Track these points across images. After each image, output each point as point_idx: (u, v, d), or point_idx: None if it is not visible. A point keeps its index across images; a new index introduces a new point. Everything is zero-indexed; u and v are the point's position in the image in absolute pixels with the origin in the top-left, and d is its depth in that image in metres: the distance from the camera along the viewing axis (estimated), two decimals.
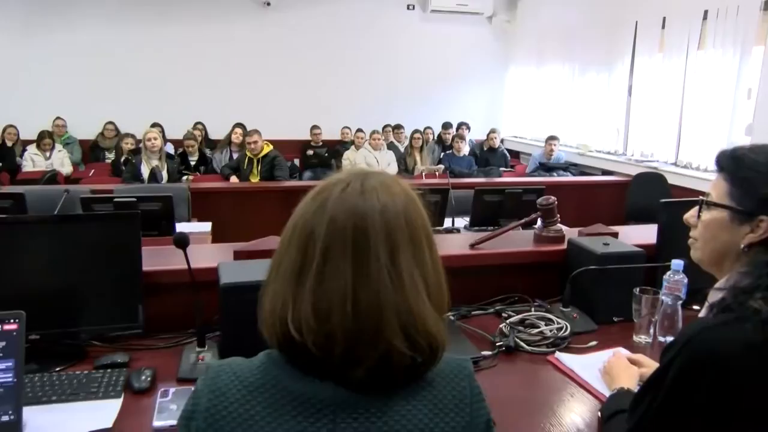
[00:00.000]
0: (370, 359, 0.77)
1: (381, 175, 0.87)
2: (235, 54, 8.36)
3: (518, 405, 1.46)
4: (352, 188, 0.83)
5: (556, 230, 2.23)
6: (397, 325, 0.77)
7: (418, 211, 0.86)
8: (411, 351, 0.78)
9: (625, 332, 1.87)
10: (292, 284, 0.80)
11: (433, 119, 8.54)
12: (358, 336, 0.77)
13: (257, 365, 0.83)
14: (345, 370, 0.78)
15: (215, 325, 1.69)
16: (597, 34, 6.98)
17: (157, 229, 3.18)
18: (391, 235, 0.80)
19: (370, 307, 0.77)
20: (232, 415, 0.79)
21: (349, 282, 0.78)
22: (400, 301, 0.78)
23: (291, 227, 0.85)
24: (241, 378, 0.82)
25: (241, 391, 0.80)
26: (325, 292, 0.78)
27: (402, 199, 0.84)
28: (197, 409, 0.81)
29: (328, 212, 0.81)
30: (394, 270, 0.79)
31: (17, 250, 1.61)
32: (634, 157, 6.34)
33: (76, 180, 6.14)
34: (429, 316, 0.80)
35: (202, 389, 0.82)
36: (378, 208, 0.81)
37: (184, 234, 1.63)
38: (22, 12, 7.69)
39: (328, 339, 0.77)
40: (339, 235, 0.79)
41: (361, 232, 0.79)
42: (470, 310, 1.99)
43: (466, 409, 0.83)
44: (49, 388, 1.46)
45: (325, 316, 0.77)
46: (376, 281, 0.78)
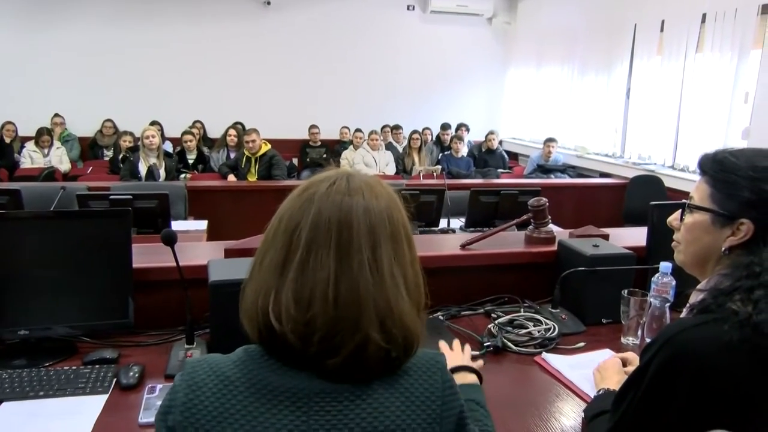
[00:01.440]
0: (346, 348, 0.80)
1: (365, 175, 0.91)
2: (235, 53, 8.37)
3: (504, 405, 1.46)
4: (338, 186, 0.86)
5: (547, 231, 2.23)
6: (375, 317, 0.80)
7: (399, 212, 0.89)
8: (386, 343, 0.81)
9: (613, 334, 1.88)
10: (275, 276, 0.83)
11: (432, 120, 8.55)
12: (337, 325, 0.79)
13: (234, 360, 0.85)
14: (322, 359, 0.80)
15: (205, 322, 1.70)
16: (596, 36, 6.98)
17: (153, 226, 3.19)
18: (374, 231, 0.83)
19: (351, 298, 0.80)
20: (207, 409, 0.80)
21: (331, 273, 0.80)
22: (379, 294, 0.81)
23: (276, 221, 0.87)
24: (218, 372, 0.83)
25: (217, 385, 0.82)
26: (307, 282, 0.80)
27: (385, 199, 0.88)
28: (174, 404, 0.82)
29: (314, 206, 0.84)
30: (375, 264, 0.82)
31: (11, 246, 1.62)
32: (631, 159, 6.34)
33: (74, 177, 6.14)
34: (406, 310, 0.83)
35: (180, 384, 0.84)
36: (362, 205, 0.84)
37: (171, 231, 1.63)
38: (21, 9, 7.69)
39: (307, 327, 0.79)
40: (324, 228, 0.82)
41: (346, 226, 0.82)
42: (460, 310, 2.00)
43: (437, 401, 0.85)
44: (37, 383, 1.47)
45: (306, 304, 0.80)
46: (357, 273, 0.81)
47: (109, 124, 7.79)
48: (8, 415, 1.35)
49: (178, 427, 0.80)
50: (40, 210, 1.85)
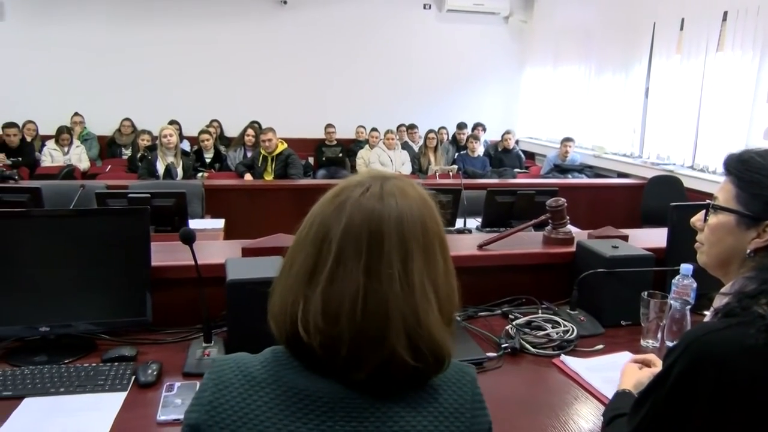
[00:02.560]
0: (371, 363, 0.78)
1: (399, 179, 0.88)
2: (252, 52, 8.41)
3: (521, 407, 1.46)
4: (371, 192, 0.83)
5: (565, 232, 2.21)
6: (403, 332, 0.78)
7: (433, 218, 0.86)
8: (413, 359, 0.78)
9: (632, 336, 1.86)
10: (303, 283, 0.81)
11: (448, 119, 8.53)
12: (363, 339, 0.78)
13: (261, 361, 0.85)
14: (347, 372, 0.80)
15: (221, 320, 1.71)
16: (614, 35, 6.92)
17: (170, 225, 3.21)
18: (406, 242, 0.81)
19: (379, 312, 0.78)
20: (233, 408, 0.80)
21: (360, 286, 0.78)
22: (408, 309, 0.79)
23: (307, 226, 0.85)
24: (245, 372, 0.83)
25: (244, 385, 0.82)
26: (335, 295, 0.79)
27: (418, 204, 0.85)
28: (201, 402, 0.82)
29: (346, 215, 0.81)
30: (406, 277, 0.80)
31: (31, 243, 1.64)
32: (650, 159, 6.27)
33: (93, 175, 6.21)
34: (435, 325, 0.81)
35: (207, 382, 0.84)
36: (395, 214, 0.81)
37: (190, 229, 1.64)
38: (40, 9, 7.79)
39: (335, 341, 0.78)
40: (354, 239, 0.80)
41: (376, 237, 0.80)
42: (477, 311, 1.99)
43: (466, 414, 0.83)
44: (58, 379, 1.49)
45: (334, 318, 0.78)
46: (386, 288, 0.78)
47: (127, 123, 7.87)
48: (31, 411, 1.37)
49: (204, 425, 0.80)
50: (61, 208, 1.87)
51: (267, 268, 1.66)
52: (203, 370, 1.55)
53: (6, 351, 1.66)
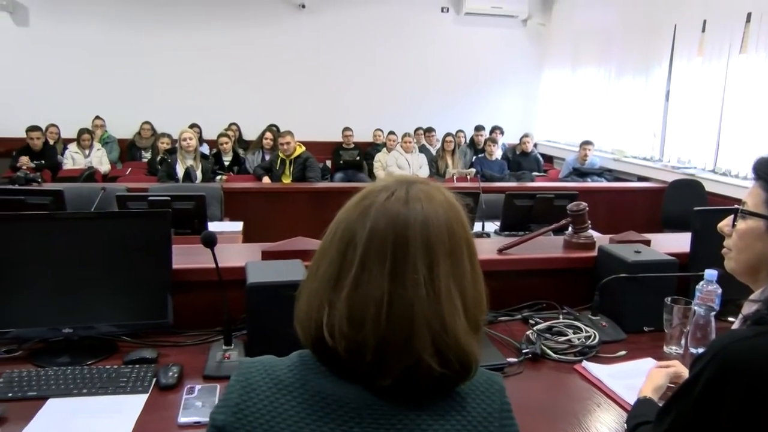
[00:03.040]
0: (396, 369, 0.77)
1: (425, 183, 0.87)
2: (270, 56, 8.46)
3: (543, 413, 1.44)
4: (397, 196, 0.82)
5: (587, 237, 2.19)
6: (429, 339, 0.77)
7: (460, 222, 0.85)
8: (440, 366, 0.78)
9: (655, 342, 1.83)
10: (328, 288, 0.81)
11: (466, 122, 8.50)
12: (388, 345, 0.77)
13: (288, 364, 0.84)
14: (373, 377, 0.79)
15: (241, 323, 1.71)
16: (634, 37, 6.85)
17: (190, 227, 3.23)
18: (431, 247, 0.80)
19: (404, 317, 0.77)
20: (260, 411, 0.80)
21: (385, 291, 0.77)
22: (433, 315, 0.78)
23: (332, 231, 0.85)
24: (272, 375, 0.83)
25: (271, 388, 0.81)
26: (360, 300, 0.78)
27: (444, 209, 0.84)
28: (228, 404, 0.82)
29: (371, 220, 0.81)
30: (431, 282, 0.79)
31: (54, 245, 1.66)
32: (670, 163, 6.20)
33: (114, 178, 6.28)
34: (462, 332, 0.80)
35: (234, 384, 0.83)
36: (420, 219, 0.81)
37: (212, 233, 1.65)
38: (62, 15, 7.90)
39: (360, 346, 0.77)
40: (379, 244, 0.79)
41: (401, 243, 0.79)
42: (497, 316, 1.98)
43: (495, 423, 0.82)
44: (80, 381, 1.50)
45: (359, 324, 0.77)
46: (412, 292, 0.78)
47: (147, 127, 7.95)
48: (55, 412, 1.39)
49: (230, 428, 0.80)
50: (85, 211, 1.89)
51: (287, 271, 1.67)
52: (223, 373, 1.56)
53: (30, 352, 1.68)
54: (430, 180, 0.91)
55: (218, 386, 1.49)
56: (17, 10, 7.80)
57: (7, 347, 1.68)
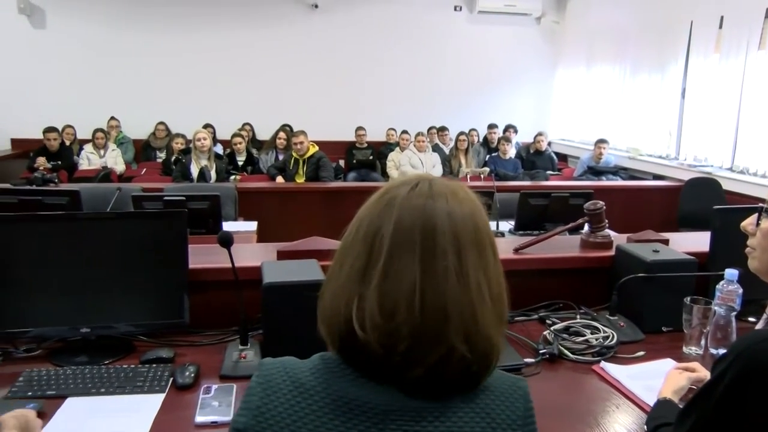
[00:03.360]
0: (430, 358, 0.77)
1: (447, 180, 0.87)
2: (283, 56, 8.48)
3: (560, 414, 1.43)
4: (420, 190, 0.83)
5: (604, 236, 2.17)
6: (460, 327, 0.77)
7: (483, 219, 0.85)
8: (470, 354, 0.77)
9: (674, 343, 1.81)
10: (356, 282, 0.80)
11: (479, 121, 8.47)
12: (422, 334, 0.76)
13: (310, 367, 0.83)
14: (404, 370, 0.78)
15: (257, 323, 1.71)
16: (649, 34, 6.79)
17: (205, 227, 3.24)
18: (459, 236, 0.80)
19: (437, 306, 0.77)
20: (281, 415, 0.79)
21: (417, 280, 0.77)
22: (465, 304, 0.78)
23: (355, 227, 0.84)
24: (294, 378, 0.82)
25: (292, 391, 0.80)
26: (391, 290, 0.77)
27: (469, 205, 0.84)
28: (249, 407, 0.81)
29: (396, 211, 0.81)
30: (461, 272, 0.78)
31: (71, 246, 1.67)
32: (687, 161, 6.13)
33: (129, 178, 6.33)
34: (490, 321, 0.80)
35: (255, 387, 0.83)
36: (446, 209, 0.81)
37: (228, 233, 1.66)
38: (79, 18, 7.98)
39: (392, 336, 0.77)
40: (407, 234, 0.79)
41: (430, 230, 0.79)
42: (513, 316, 1.96)
43: (520, 426, 0.82)
44: (98, 380, 1.51)
45: (390, 313, 0.77)
46: (443, 280, 0.77)
47: (161, 127, 8.01)
48: (73, 411, 1.40)
49: (251, 431, 0.79)
50: (104, 211, 1.90)
51: (303, 271, 1.67)
52: (240, 373, 1.57)
53: (49, 351, 1.70)
54: (451, 178, 0.91)
55: (234, 386, 1.50)
56: (35, 13, 7.88)
57: (27, 346, 1.69)
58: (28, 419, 1.11)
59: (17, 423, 1.09)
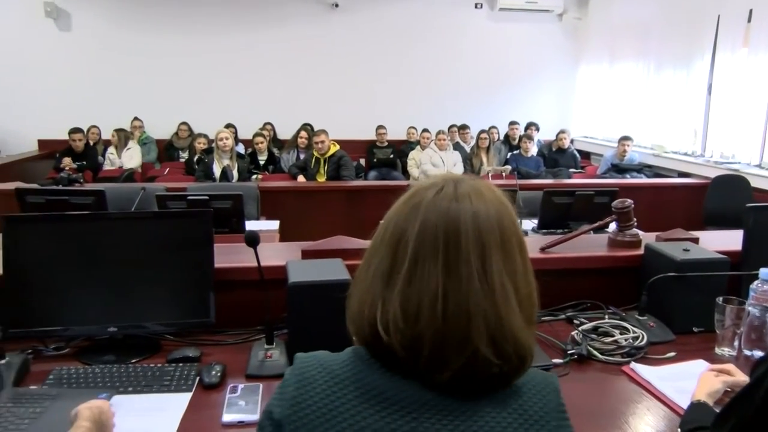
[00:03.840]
0: (455, 363, 0.77)
1: (474, 180, 0.87)
2: (304, 55, 8.50)
3: (591, 416, 1.40)
4: (445, 192, 0.83)
5: (632, 235, 2.13)
6: (485, 331, 0.77)
7: (510, 218, 0.84)
8: (497, 358, 0.77)
9: (705, 344, 1.77)
10: (381, 285, 0.81)
11: (500, 119, 8.42)
12: (446, 339, 0.77)
13: (343, 359, 0.84)
14: (431, 372, 0.78)
15: (281, 322, 1.71)
16: (674, 29, 6.68)
17: (228, 226, 3.25)
18: (483, 240, 0.80)
19: (460, 310, 0.77)
20: (317, 405, 0.80)
21: (439, 285, 0.78)
22: (489, 307, 0.78)
23: (383, 229, 0.85)
24: (328, 370, 0.82)
25: (327, 382, 0.81)
26: (414, 294, 0.78)
27: (495, 205, 0.84)
28: (284, 397, 0.82)
29: (420, 215, 0.81)
30: (485, 275, 0.78)
31: (97, 245, 1.68)
32: (713, 158, 6.02)
33: (152, 178, 6.40)
34: (518, 324, 0.79)
35: (290, 378, 0.83)
36: (470, 212, 0.81)
37: (255, 233, 1.66)
38: (103, 21, 8.08)
39: (416, 341, 0.77)
40: (430, 238, 0.79)
41: (453, 235, 0.79)
42: (540, 316, 1.93)
43: (552, 422, 0.81)
44: (126, 378, 1.52)
45: (414, 317, 0.77)
46: (466, 285, 0.78)
47: (184, 127, 8.09)
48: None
49: (286, 421, 0.80)
50: (131, 211, 1.91)
51: (328, 270, 1.66)
52: (266, 372, 1.56)
53: (77, 349, 1.71)
54: (477, 177, 0.90)
55: (261, 385, 1.49)
56: (61, 16, 8.02)
57: (56, 344, 1.71)
58: (102, 410, 1.19)
59: (91, 414, 1.15)
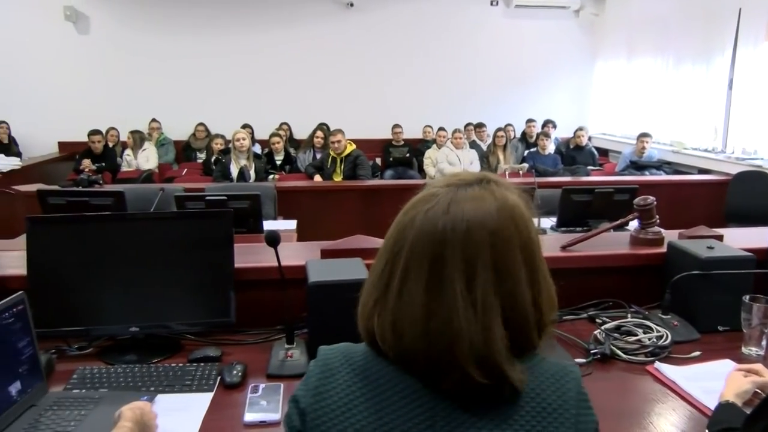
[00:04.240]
0: (447, 383, 0.79)
1: (475, 188, 0.83)
2: (319, 55, 8.52)
3: (615, 416, 1.38)
4: (439, 206, 0.81)
5: (655, 232, 2.10)
6: (470, 353, 0.77)
7: (512, 225, 0.81)
8: (485, 378, 0.77)
9: (731, 343, 1.74)
10: (378, 293, 0.84)
11: (517, 117, 8.37)
12: (432, 359, 0.78)
13: (364, 350, 0.86)
14: (432, 382, 0.80)
15: (301, 322, 1.71)
16: (694, 23, 6.58)
17: (246, 226, 3.27)
18: (470, 255, 0.79)
19: (442, 333, 0.77)
20: (339, 395, 0.82)
21: (422, 306, 0.78)
22: (473, 329, 0.77)
23: (387, 235, 0.86)
24: (351, 362, 0.85)
25: (349, 373, 0.84)
26: (401, 311, 0.80)
27: (494, 216, 0.81)
28: (307, 387, 0.85)
29: (413, 232, 0.81)
30: (470, 297, 0.78)
31: (118, 246, 1.69)
32: (734, 154, 5.93)
33: (170, 179, 6.44)
34: (499, 348, 0.77)
35: (314, 369, 0.86)
36: (460, 227, 0.79)
37: (276, 232, 1.66)
38: (120, 24, 8.16)
39: (406, 355, 0.80)
40: (418, 256, 0.80)
41: (439, 253, 0.79)
42: (561, 315, 1.91)
43: (571, 411, 0.81)
44: (147, 378, 1.53)
45: (400, 335, 0.80)
46: (448, 309, 0.77)
47: (201, 128, 8.14)
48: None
49: (309, 409, 0.82)
50: (157, 211, 1.92)
51: (347, 269, 1.66)
52: (287, 372, 1.57)
53: (100, 349, 1.73)
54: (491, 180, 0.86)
55: (282, 385, 1.49)
56: (80, 20, 8.11)
57: (79, 344, 1.73)
58: (143, 411, 1.21)
59: (133, 415, 1.18)
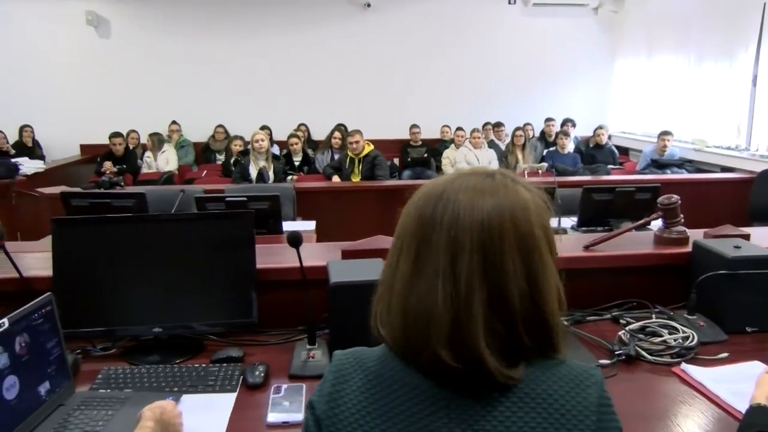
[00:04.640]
0: (420, 362, 0.80)
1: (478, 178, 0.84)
2: (337, 56, 8.53)
3: (641, 418, 1.36)
4: (435, 190, 0.84)
5: (679, 231, 2.07)
6: (442, 333, 0.77)
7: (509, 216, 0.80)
8: (457, 362, 0.77)
9: (760, 344, 1.71)
10: (383, 277, 0.87)
11: (535, 116, 8.31)
12: (411, 336, 0.80)
13: (378, 354, 0.87)
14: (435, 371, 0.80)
15: (322, 322, 1.71)
16: (715, 20, 6.48)
17: (266, 227, 3.28)
18: (457, 242, 0.79)
19: (419, 308, 0.79)
20: (352, 401, 0.83)
21: (406, 282, 0.81)
22: (451, 308, 0.77)
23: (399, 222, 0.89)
24: (363, 367, 0.85)
25: (362, 379, 0.84)
26: (392, 290, 0.83)
27: (487, 204, 0.80)
28: (322, 394, 0.86)
29: (408, 217, 0.85)
30: (452, 274, 0.78)
31: (141, 247, 1.71)
32: (758, 152, 5.82)
33: (190, 180, 6.49)
34: (476, 333, 0.77)
35: (328, 375, 0.87)
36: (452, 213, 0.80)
37: (298, 233, 1.66)
38: (140, 28, 8.26)
39: (394, 332, 0.82)
40: (408, 239, 0.83)
41: (427, 239, 0.81)
42: (585, 315, 1.89)
43: (591, 417, 0.79)
44: (171, 379, 1.54)
45: (388, 312, 0.83)
46: (429, 284, 0.79)
47: (220, 130, 8.20)
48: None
49: (323, 416, 0.84)
50: (180, 213, 1.93)
51: (368, 270, 1.65)
52: (308, 372, 1.57)
53: (123, 350, 1.74)
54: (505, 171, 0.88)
55: (304, 386, 1.49)
56: (101, 24, 8.22)
57: (103, 345, 1.75)
58: (164, 410, 1.22)
59: (153, 414, 1.20)
